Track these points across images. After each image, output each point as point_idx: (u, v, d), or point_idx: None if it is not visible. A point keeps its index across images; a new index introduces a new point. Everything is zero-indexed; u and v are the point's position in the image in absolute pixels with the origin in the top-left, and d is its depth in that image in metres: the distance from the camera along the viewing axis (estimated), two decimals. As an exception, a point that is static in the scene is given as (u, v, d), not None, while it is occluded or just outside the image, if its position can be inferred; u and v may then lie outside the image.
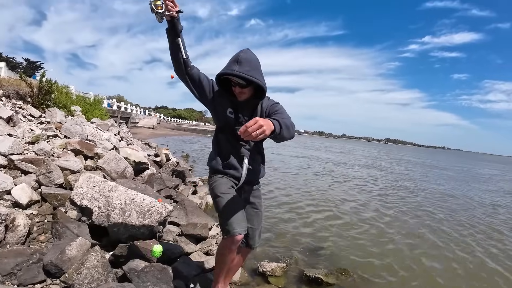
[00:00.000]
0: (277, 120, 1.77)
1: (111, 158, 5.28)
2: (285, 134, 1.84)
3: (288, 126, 1.87)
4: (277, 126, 1.73)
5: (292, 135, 1.95)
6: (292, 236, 5.63)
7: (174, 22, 2.02)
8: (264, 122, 1.60)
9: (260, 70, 2.10)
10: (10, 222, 3.03)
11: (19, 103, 6.82)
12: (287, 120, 1.93)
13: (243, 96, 2.15)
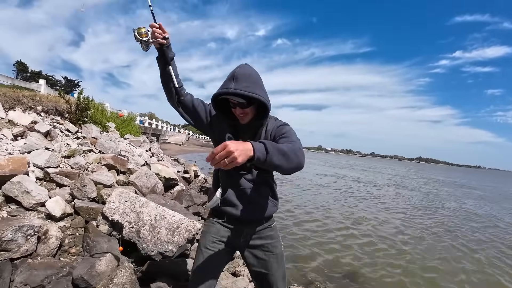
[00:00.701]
0: (264, 143, 1.38)
1: (143, 174, 5.36)
2: (277, 162, 1.41)
3: (284, 152, 1.45)
4: (259, 151, 1.33)
5: (295, 164, 1.53)
6: (318, 256, 5.49)
7: (164, 49, 1.87)
8: (237, 147, 1.24)
9: (261, 85, 1.80)
10: (43, 234, 3.08)
11: (57, 119, 7.13)
12: (287, 146, 1.52)
13: (246, 117, 1.84)
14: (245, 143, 1.30)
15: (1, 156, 4.31)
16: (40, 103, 6.90)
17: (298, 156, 1.52)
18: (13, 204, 3.57)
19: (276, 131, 1.86)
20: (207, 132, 2.05)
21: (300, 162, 1.55)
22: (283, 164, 1.44)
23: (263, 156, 1.34)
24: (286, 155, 1.44)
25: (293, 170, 1.55)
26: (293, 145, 1.58)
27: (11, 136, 5.24)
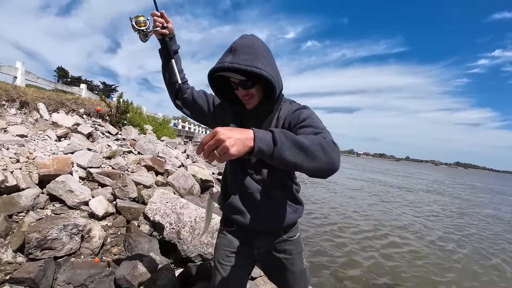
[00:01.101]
0: (272, 131, 1.00)
1: (180, 175, 5.37)
2: (291, 157, 1.00)
3: (303, 145, 1.02)
4: (262, 141, 0.97)
5: (323, 162, 1.06)
6: (356, 264, 5.24)
7: (166, 41, 1.65)
8: (231, 134, 0.92)
9: (267, 58, 1.38)
10: (86, 232, 3.10)
11: (98, 121, 7.34)
12: (308, 137, 1.08)
13: (252, 101, 1.45)
14: (244, 130, 0.97)
15: (46, 156, 4.44)
16: (83, 106, 7.13)
17: (327, 152, 1.06)
18: (57, 202, 3.65)
19: (292, 118, 1.40)
20: (212, 125, 1.71)
21: (332, 160, 1.07)
22: (301, 162, 1.02)
23: (268, 148, 0.96)
24: (306, 149, 1.02)
25: (321, 172, 1.09)
26: (320, 138, 1.11)
27: (55, 137, 5.42)
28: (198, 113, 1.75)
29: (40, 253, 2.68)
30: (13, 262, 2.62)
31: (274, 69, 1.38)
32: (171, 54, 1.68)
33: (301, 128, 1.30)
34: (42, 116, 5.92)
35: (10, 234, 2.85)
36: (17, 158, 4.03)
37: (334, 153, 1.08)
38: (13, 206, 3.14)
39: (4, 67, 7.49)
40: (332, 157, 1.07)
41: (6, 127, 4.84)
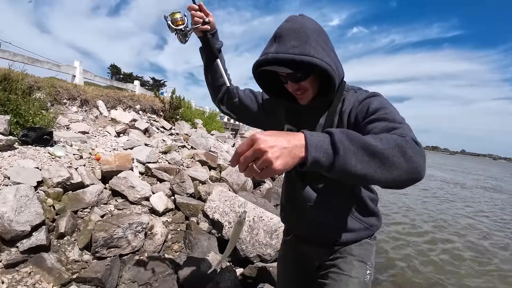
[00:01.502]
0: (331, 133, 0.75)
1: (233, 170, 5.32)
2: (359, 168, 0.74)
3: (375, 149, 0.75)
4: (319, 149, 0.72)
5: (403, 171, 0.78)
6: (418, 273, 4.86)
7: (208, 38, 1.42)
8: (275, 142, 0.69)
9: (323, 43, 1.10)
10: (149, 229, 3.11)
11: (153, 117, 7.52)
12: (381, 138, 0.80)
13: (306, 95, 1.19)
14: (293, 134, 0.73)
15: (108, 153, 4.57)
16: (138, 102, 7.33)
17: (408, 156, 0.78)
18: (119, 198, 3.72)
19: (359, 110, 1.11)
20: (264, 126, 1.51)
21: (414, 167, 0.79)
22: (373, 173, 0.75)
23: (326, 157, 0.72)
24: (380, 155, 0.75)
25: (400, 183, 0.81)
26: (395, 135, 0.83)
27: (115, 133, 5.60)
28: (246, 116, 1.53)
29: (106, 251, 2.71)
30: (80, 260, 2.67)
31: (330, 54, 1.11)
32: (215, 53, 1.46)
33: (371, 122, 1.01)
34: (101, 113, 6.15)
35: (76, 231, 2.92)
36: (80, 155, 4.18)
37: (418, 156, 0.79)
38: (78, 202, 3.22)
39: (63, 66, 7.90)
40: (414, 162, 0.78)
41: (69, 125, 5.06)
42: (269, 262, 3.16)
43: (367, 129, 0.99)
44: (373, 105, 1.08)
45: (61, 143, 4.21)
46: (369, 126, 1.00)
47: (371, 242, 1.37)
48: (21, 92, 4.29)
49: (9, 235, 2.40)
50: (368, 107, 1.08)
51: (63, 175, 3.25)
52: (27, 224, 2.46)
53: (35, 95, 4.74)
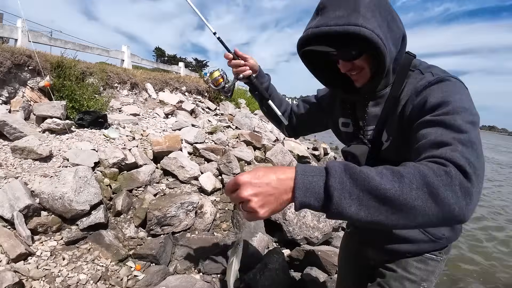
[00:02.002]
0: (328, 173, 0.62)
1: (278, 151, 5.27)
2: (361, 215, 0.60)
3: (385, 194, 0.59)
4: (308, 194, 0.62)
5: (424, 217, 0.60)
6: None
7: (253, 82, 1.37)
8: (257, 190, 0.62)
9: (378, 9, 0.88)
10: (199, 208, 3.18)
11: (198, 98, 7.63)
12: (400, 177, 0.61)
13: (362, 76, 0.99)
14: (283, 171, 0.64)
15: (158, 134, 4.71)
16: (184, 84, 7.45)
17: (441, 199, 0.59)
18: (170, 177, 3.84)
19: (416, 103, 0.90)
20: (328, 123, 1.38)
21: (451, 212, 0.60)
22: (386, 220, 0.61)
23: (317, 203, 0.62)
24: (395, 201, 0.59)
25: (431, 226, 0.66)
26: (433, 164, 0.65)
27: (163, 114, 5.75)
28: (313, 128, 1.52)
29: (160, 229, 2.81)
30: (135, 237, 2.80)
31: (383, 24, 0.88)
32: (265, 96, 1.41)
33: (422, 127, 0.81)
34: (150, 96, 6.34)
35: (131, 209, 3.06)
36: (133, 136, 4.34)
37: (458, 197, 0.60)
38: (133, 182, 3.37)
39: (112, 51, 8.19)
40: (450, 205, 0.59)
41: (121, 107, 5.27)
42: (316, 245, 3.13)
43: (417, 137, 0.81)
44: (433, 98, 0.84)
45: (114, 125, 4.40)
46: (420, 133, 0.81)
47: (437, 258, 1.16)
48: (75, 78, 4.50)
49: (69, 214, 2.55)
50: (425, 101, 0.86)
51: (118, 156, 3.40)
52: (86, 204, 2.60)
53: (88, 81, 4.96)
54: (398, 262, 1.18)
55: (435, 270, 1.18)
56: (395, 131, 1.00)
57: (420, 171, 0.62)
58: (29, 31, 5.59)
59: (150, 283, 2.30)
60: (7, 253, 2.17)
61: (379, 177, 0.60)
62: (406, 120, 0.93)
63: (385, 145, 1.03)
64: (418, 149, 0.77)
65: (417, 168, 0.63)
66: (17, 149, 3.02)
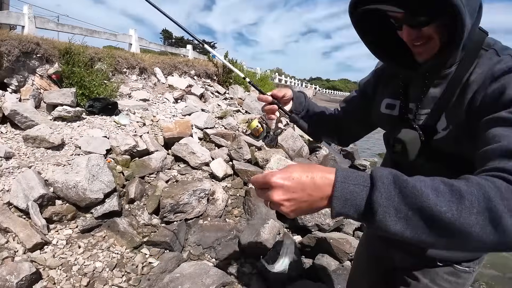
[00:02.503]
0: (374, 185, 0.53)
1: (289, 136, 5.22)
2: (407, 233, 0.52)
3: (439, 216, 0.50)
4: (347, 206, 0.54)
5: (479, 243, 0.51)
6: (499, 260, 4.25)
7: (292, 117, 1.21)
8: (289, 195, 0.56)
9: None
10: (211, 195, 3.18)
11: (207, 81, 7.56)
12: (457, 193, 0.51)
13: (428, 48, 0.81)
14: (321, 174, 0.56)
15: (168, 119, 4.69)
16: (193, 67, 7.37)
17: (503, 227, 0.49)
18: (181, 163, 3.85)
19: (490, 93, 0.74)
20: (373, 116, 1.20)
21: (508, 242, 0.51)
22: (436, 242, 0.54)
23: (357, 216, 0.55)
24: (449, 227, 0.50)
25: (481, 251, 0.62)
26: (500, 182, 0.53)
27: (173, 99, 5.72)
28: (358, 131, 1.28)
29: (173, 216, 2.83)
30: (149, 224, 2.82)
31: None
32: (305, 128, 1.22)
33: (493, 124, 0.68)
34: (159, 80, 6.29)
35: (144, 195, 3.07)
36: (143, 122, 4.34)
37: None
38: (145, 168, 3.38)
39: (120, 35, 8.11)
40: (509, 230, 0.49)
41: (130, 93, 5.24)
42: (327, 232, 3.12)
43: (486, 137, 0.67)
44: (511, 86, 0.69)
45: (124, 111, 4.39)
46: (490, 132, 0.67)
47: (469, 269, 1.02)
48: (83, 64, 4.47)
49: (83, 203, 2.58)
50: (503, 92, 0.70)
51: (129, 143, 3.40)
52: (100, 192, 2.62)
53: (96, 66, 4.93)
54: (426, 271, 1.06)
55: (466, 282, 1.05)
56: (457, 119, 0.82)
57: (485, 193, 0.51)
58: (35, 17, 5.54)
59: (165, 270, 2.32)
60: (23, 243, 2.20)
61: (434, 195, 0.51)
62: (475, 110, 0.77)
63: (441, 134, 0.86)
64: (485, 153, 0.64)
65: (482, 188, 0.51)
66: (29, 138, 3.03)
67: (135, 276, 2.29)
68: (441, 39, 0.78)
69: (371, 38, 0.93)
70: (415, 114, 0.93)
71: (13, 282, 1.87)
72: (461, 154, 0.80)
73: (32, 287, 1.99)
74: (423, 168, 0.88)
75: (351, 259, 2.76)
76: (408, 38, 0.81)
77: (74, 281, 2.13)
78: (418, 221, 0.51)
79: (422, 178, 0.54)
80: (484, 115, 0.71)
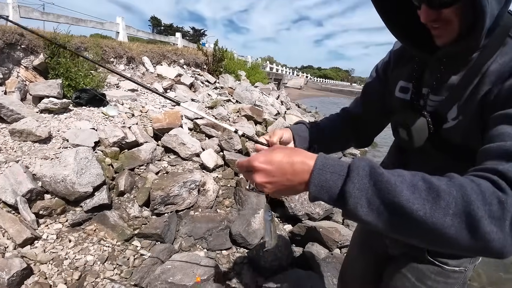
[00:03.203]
0: (349, 175, 0.55)
1: (280, 125, 5.25)
2: (376, 222, 0.54)
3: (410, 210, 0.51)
4: (323, 192, 0.57)
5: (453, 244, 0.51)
6: None
7: None
8: (270, 178, 0.61)
9: None
10: (201, 186, 3.19)
11: (197, 71, 7.49)
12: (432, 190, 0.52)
13: (447, 32, 0.75)
14: (299, 160, 0.59)
15: (158, 110, 4.65)
16: (182, 56, 7.29)
17: (481, 234, 0.48)
18: (171, 154, 3.84)
19: (507, 88, 0.68)
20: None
21: (489, 248, 0.49)
22: (408, 237, 0.55)
23: (332, 202, 0.57)
24: (421, 225, 0.51)
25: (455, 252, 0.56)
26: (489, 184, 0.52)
27: (162, 89, 5.66)
28: (380, 122, 1.17)
29: (164, 208, 2.84)
30: (140, 216, 2.83)
31: None
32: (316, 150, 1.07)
33: (503, 121, 0.64)
34: (147, 69, 6.21)
35: (134, 188, 3.07)
36: (132, 113, 4.30)
37: (504, 234, 0.48)
38: (134, 160, 3.36)
39: (106, 23, 7.97)
40: (490, 241, 0.48)
41: (118, 83, 5.17)
42: (317, 221, 3.17)
43: (491, 133, 0.65)
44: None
45: (113, 102, 4.34)
46: (496, 129, 0.64)
47: (459, 269, 0.99)
48: (69, 54, 4.38)
49: (73, 197, 2.56)
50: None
51: (118, 135, 3.37)
52: (89, 186, 2.61)
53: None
54: (414, 268, 1.05)
55: (456, 282, 1.02)
56: (469, 110, 0.77)
57: (465, 195, 0.50)
58: (20, 6, 5.40)
59: (157, 262, 2.34)
60: (13, 238, 2.19)
61: (409, 192, 0.51)
62: (490, 103, 0.72)
63: (450, 123, 0.82)
64: (485, 150, 0.63)
65: (463, 189, 0.51)
66: (16, 132, 2.99)
67: (126, 269, 2.31)
68: (462, 23, 0.72)
69: (390, 16, 0.87)
70: (426, 100, 0.90)
71: (4, 278, 1.87)
72: (468, 146, 0.77)
73: (24, 282, 1.99)
74: (429, 156, 0.90)
75: (341, 247, 2.82)
76: (426, 19, 0.75)
77: (66, 275, 2.13)
78: (390, 215, 0.52)
79: (402, 173, 0.55)
80: (496, 110, 0.68)
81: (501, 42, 0.74)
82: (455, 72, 0.82)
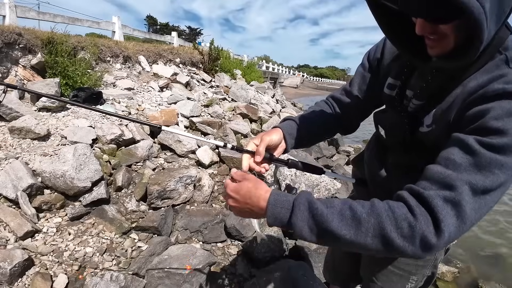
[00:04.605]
0: (293, 212, 0.71)
1: (274, 123, 5.33)
2: (321, 243, 0.75)
3: (340, 236, 0.67)
4: (276, 221, 0.73)
5: (383, 254, 0.68)
6: (474, 240, 4.43)
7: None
8: (237, 203, 0.80)
9: None
10: (197, 181, 3.28)
11: (193, 69, 7.56)
12: (358, 223, 0.67)
13: (442, 45, 0.72)
14: (258, 194, 0.76)
15: (154, 108, 4.73)
16: (178, 55, 7.35)
17: (395, 247, 0.64)
18: (167, 151, 3.92)
19: (477, 110, 0.68)
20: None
21: (404, 254, 0.66)
22: (341, 247, 0.72)
23: (284, 228, 0.75)
24: (348, 244, 0.68)
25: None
26: (399, 209, 0.65)
27: (158, 88, 5.73)
28: (367, 106, 1.18)
29: (161, 202, 2.92)
30: (137, 210, 2.90)
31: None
32: (307, 145, 1.20)
33: (455, 142, 0.68)
34: (144, 68, 6.28)
35: (132, 183, 3.15)
36: (129, 111, 4.37)
37: (414, 247, 0.63)
38: (131, 157, 3.44)
39: (103, 23, 8.02)
40: (403, 253, 0.65)
41: (115, 82, 5.24)
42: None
43: (443, 153, 0.70)
44: (495, 119, 0.64)
45: (109, 101, 4.41)
46: (446, 151, 0.69)
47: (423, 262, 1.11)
48: (67, 54, 4.45)
49: (72, 191, 2.64)
50: (482, 116, 0.66)
51: (115, 132, 3.45)
52: (87, 181, 2.69)
53: (80, 56, 4.91)
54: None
55: (428, 264, 1.10)
56: (443, 121, 0.79)
57: (380, 223, 0.65)
58: (16, 6, 5.45)
59: (153, 253, 2.42)
60: (14, 231, 2.27)
61: (338, 220, 0.68)
62: (457, 121, 0.74)
63: (425, 129, 0.85)
64: (428, 170, 0.70)
65: (379, 218, 0.66)
66: (15, 130, 3.06)
67: (125, 260, 2.39)
68: (458, 39, 0.69)
69: (385, 20, 0.83)
70: (408, 102, 0.91)
71: (6, 268, 1.95)
72: (440, 149, 0.75)
73: (25, 273, 2.07)
74: (405, 151, 0.97)
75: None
76: (421, 32, 0.72)
77: (66, 266, 2.22)
78: (328, 238, 0.70)
79: (333, 204, 0.71)
80: (458, 129, 0.70)
81: (489, 57, 0.73)
82: (439, 83, 0.83)
